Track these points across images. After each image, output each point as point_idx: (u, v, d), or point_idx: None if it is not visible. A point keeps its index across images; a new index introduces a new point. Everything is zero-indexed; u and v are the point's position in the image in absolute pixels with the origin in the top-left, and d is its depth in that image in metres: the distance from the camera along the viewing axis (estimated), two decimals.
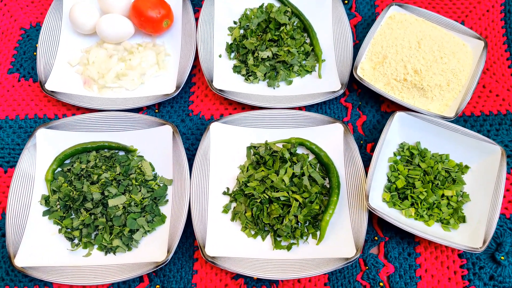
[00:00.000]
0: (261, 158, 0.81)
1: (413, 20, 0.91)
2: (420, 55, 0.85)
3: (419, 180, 0.79)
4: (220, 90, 0.84)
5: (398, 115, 0.81)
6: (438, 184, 0.79)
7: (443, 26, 0.92)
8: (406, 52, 0.86)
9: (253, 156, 0.82)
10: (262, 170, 0.79)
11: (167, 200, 0.79)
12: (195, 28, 0.90)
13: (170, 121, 0.87)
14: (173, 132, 0.80)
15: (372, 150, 0.85)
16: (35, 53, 0.92)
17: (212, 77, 0.86)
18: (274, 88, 0.89)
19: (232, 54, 0.92)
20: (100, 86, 0.87)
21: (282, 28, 0.90)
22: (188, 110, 0.88)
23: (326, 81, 0.88)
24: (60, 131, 0.81)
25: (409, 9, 0.92)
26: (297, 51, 0.90)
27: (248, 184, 0.78)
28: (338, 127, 0.82)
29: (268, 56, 0.89)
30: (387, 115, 0.88)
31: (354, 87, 0.91)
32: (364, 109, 0.89)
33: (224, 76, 0.88)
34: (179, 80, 0.87)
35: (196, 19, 0.94)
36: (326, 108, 0.89)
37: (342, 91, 0.85)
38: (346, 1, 0.98)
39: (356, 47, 0.93)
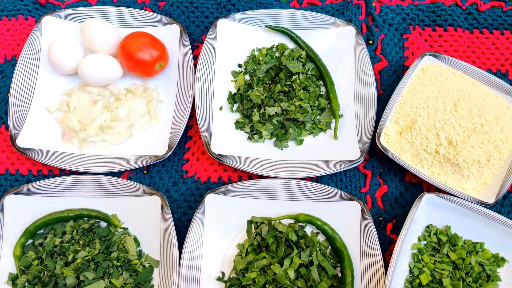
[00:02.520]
0: (263, 240, 0.70)
1: (449, 74, 0.77)
2: (457, 122, 0.72)
3: (447, 276, 0.67)
4: (220, 155, 0.72)
5: (427, 198, 0.69)
6: (470, 281, 0.67)
7: (484, 82, 0.78)
8: (440, 116, 0.73)
9: (254, 236, 0.71)
10: (264, 257, 0.68)
11: (152, 286, 0.68)
12: (193, 69, 0.77)
13: (160, 183, 0.76)
14: (162, 204, 0.69)
15: (393, 231, 0.74)
16: (8, 94, 0.80)
17: (210, 139, 0.73)
18: (281, 149, 0.76)
19: (235, 106, 0.79)
20: (81, 139, 0.75)
21: (294, 77, 0.77)
22: (182, 170, 0.77)
23: (342, 144, 0.76)
24: (32, 197, 0.70)
25: (445, 60, 0.78)
26: (311, 106, 0.77)
27: (246, 274, 0.67)
28: (355, 206, 0.70)
29: (276, 112, 0.76)
30: (412, 187, 0.76)
31: (375, 149, 0.78)
32: (385, 177, 0.77)
33: (225, 134, 0.76)
34: (172, 137, 0.74)
35: (195, 57, 0.82)
36: (341, 175, 0.77)
37: (361, 160, 0.72)
38: (370, 41, 0.84)
39: (380, 100, 0.80)
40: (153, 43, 0.76)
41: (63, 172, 0.76)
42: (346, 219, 0.71)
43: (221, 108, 0.78)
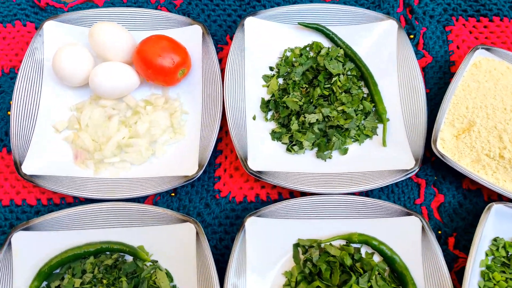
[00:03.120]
0: (314, 267, 0.61)
1: (504, 69, 0.70)
2: None
3: None
4: (258, 172, 0.63)
5: (496, 209, 0.61)
6: None
7: None
8: (500, 116, 0.65)
9: (303, 262, 0.62)
10: (318, 286, 0.59)
11: None
12: (219, 74, 0.68)
13: (191, 206, 0.67)
14: (197, 231, 0.60)
15: (456, 247, 0.66)
16: (9, 112, 0.70)
17: (246, 154, 0.64)
18: (325, 161, 0.68)
19: (269, 114, 0.70)
20: (96, 161, 0.66)
21: (334, 79, 0.69)
22: (214, 190, 0.68)
23: (393, 152, 0.68)
24: (43, 233, 0.60)
25: (499, 54, 0.70)
26: (355, 111, 0.69)
27: None
28: (415, 222, 0.62)
29: (317, 120, 0.67)
30: (471, 195, 0.68)
31: (427, 154, 0.70)
32: (441, 186, 0.69)
33: (261, 148, 0.67)
34: (202, 153, 0.65)
35: (220, 60, 0.73)
36: (393, 185, 0.68)
37: (416, 169, 0.64)
38: (411, 36, 0.76)
39: (429, 101, 0.72)
40: (174, 47, 0.67)
41: (78, 200, 0.66)
42: (405, 237, 0.63)
43: (254, 118, 0.69)
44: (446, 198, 0.68)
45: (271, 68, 0.73)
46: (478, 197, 0.68)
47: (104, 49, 0.67)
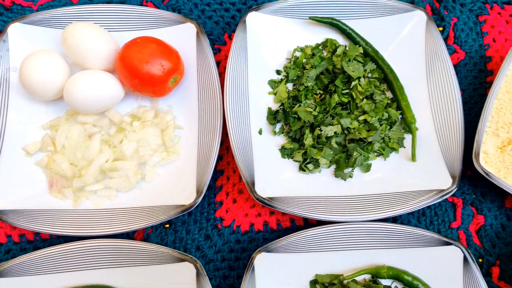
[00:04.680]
0: None
1: None
2: None
3: None
4: (269, 199, 0.53)
5: None
6: None
7: None
8: None
9: None
10: None
11: None
12: (217, 81, 0.58)
13: (188, 239, 0.57)
14: (197, 272, 0.50)
15: (501, 277, 0.56)
16: None
17: (253, 177, 0.54)
18: (345, 180, 0.58)
19: (278, 126, 0.60)
20: (75, 189, 0.55)
21: (354, 83, 0.58)
22: (216, 218, 0.58)
23: (423, 167, 0.57)
24: (16, 279, 0.50)
25: None
26: (379, 120, 0.58)
27: None
28: (455, 253, 0.52)
29: (335, 132, 0.57)
30: None
31: (462, 168, 0.60)
32: (480, 205, 0.59)
33: (269, 168, 0.57)
34: (200, 176, 0.55)
35: (218, 64, 0.62)
36: (424, 207, 0.59)
37: (454, 189, 0.54)
38: (440, 28, 0.66)
39: (464, 105, 0.62)
40: (163, 51, 0.56)
41: (55, 236, 0.57)
42: (443, 270, 0.53)
43: (260, 132, 0.58)
44: (487, 219, 0.58)
45: (278, 72, 0.62)
46: None
47: (81, 55, 0.56)
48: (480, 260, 0.57)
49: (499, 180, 0.54)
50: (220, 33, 0.65)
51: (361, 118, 0.58)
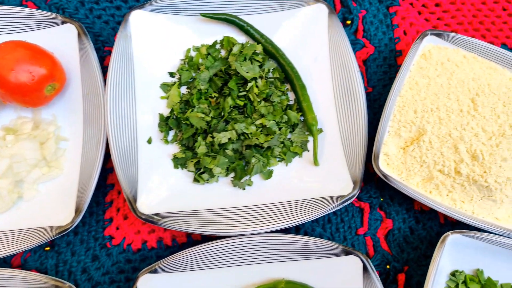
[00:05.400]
0: None
1: (460, 59, 0.57)
2: (478, 125, 0.52)
3: None
4: (154, 216, 0.49)
5: (452, 240, 0.49)
6: None
7: (504, 65, 0.58)
8: (456, 120, 0.52)
9: None
10: None
11: None
12: (101, 85, 0.53)
13: (73, 261, 0.52)
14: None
15: (408, 284, 0.54)
16: None
17: (135, 193, 0.50)
18: (244, 189, 0.54)
19: (171, 134, 0.56)
20: None
21: (250, 84, 0.54)
22: (104, 237, 0.53)
23: (326, 171, 0.54)
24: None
25: (453, 40, 0.57)
26: (278, 124, 0.55)
27: None
28: (355, 262, 0.50)
29: (230, 139, 0.53)
30: (424, 217, 0.56)
31: (370, 170, 0.57)
32: (388, 208, 0.56)
33: (157, 181, 0.52)
34: (80, 193, 0.50)
35: (105, 69, 0.57)
36: (330, 213, 0.55)
37: (355, 194, 0.51)
38: (348, 22, 0.62)
39: (370, 101, 0.59)
40: (33, 56, 0.51)
41: None
42: (344, 280, 0.50)
43: (149, 141, 0.54)
44: (395, 223, 0.56)
45: (171, 74, 0.57)
46: (433, 220, 0.56)
47: None
48: (388, 266, 0.54)
49: (398, 183, 0.51)
50: (110, 33, 0.59)
51: (258, 122, 0.54)
